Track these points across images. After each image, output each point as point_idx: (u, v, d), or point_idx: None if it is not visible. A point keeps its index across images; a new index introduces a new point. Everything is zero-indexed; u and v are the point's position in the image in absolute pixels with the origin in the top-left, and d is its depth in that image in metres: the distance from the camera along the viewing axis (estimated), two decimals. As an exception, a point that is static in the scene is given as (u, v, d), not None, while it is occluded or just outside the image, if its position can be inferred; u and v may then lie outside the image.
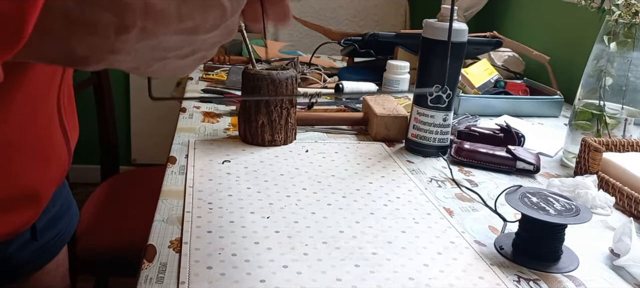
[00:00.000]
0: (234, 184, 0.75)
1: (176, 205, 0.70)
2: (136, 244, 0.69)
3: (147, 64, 0.41)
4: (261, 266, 0.57)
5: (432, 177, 0.84)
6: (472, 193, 0.79)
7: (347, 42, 1.37)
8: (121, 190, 1.55)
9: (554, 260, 0.62)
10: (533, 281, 0.59)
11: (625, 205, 0.77)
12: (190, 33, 0.40)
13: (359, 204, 0.72)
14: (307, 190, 0.75)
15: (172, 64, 0.43)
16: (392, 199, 0.75)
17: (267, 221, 0.66)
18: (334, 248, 0.61)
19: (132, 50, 0.39)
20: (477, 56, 1.42)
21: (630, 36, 0.88)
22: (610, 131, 0.91)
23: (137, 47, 0.39)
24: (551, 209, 0.61)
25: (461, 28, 0.98)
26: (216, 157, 0.84)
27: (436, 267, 0.59)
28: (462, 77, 1.22)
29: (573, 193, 0.76)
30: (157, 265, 0.57)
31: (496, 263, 0.61)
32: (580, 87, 0.94)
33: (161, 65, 0.42)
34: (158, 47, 0.40)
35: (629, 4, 0.87)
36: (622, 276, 0.61)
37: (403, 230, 0.67)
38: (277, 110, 0.89)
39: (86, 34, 0.37)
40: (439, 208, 0.73)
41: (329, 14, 2.23)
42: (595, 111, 0.92)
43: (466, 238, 0.66)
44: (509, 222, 0.70)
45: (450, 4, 0.57)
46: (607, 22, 0.90)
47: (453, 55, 0.99)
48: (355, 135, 1.01)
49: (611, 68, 0.90)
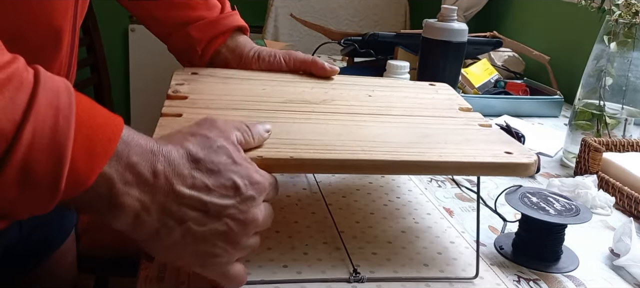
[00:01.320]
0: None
1: (176, 205, 0.70)
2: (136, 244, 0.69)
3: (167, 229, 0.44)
4: (261, 266, 0.57)
5: (432, 177, 0.84)
6: (472, 193, 0.79)
7: (347, 42, 1.37)
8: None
9: (554, 260, 0.62)
10: (533, 281, 0.59)
11: (625, 205, 0.77)
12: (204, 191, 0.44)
13: (359, 204, 0.72)
14: (307, 190, 0.75)
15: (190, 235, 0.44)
16: (392, 199, 0.75)
17: (267, 221, 0.66)
18: (334, 248, 0.61)
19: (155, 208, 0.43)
20: (477, 56, 1.42)
21: (630, 36, 0.88)
22: (610, 131, 0.91)
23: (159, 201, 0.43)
24: (551, 209, 0.61)
25: (461, 28, 0.98)
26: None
27: (436, 267, 0.59)
28: (462, 77, 1.22)
29: (573, 193, 0.76)
30: (157, 265, 0.57)
31: (496, 263, 0.61)
32: (580, 87, 0.94)
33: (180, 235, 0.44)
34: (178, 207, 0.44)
35: (629, 4, 0.87)
36: (622, 276, 0.61)
37: (403, 230, 0.67)
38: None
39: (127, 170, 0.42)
40: (439, 208, 0.73)
41: (329, 14, 2.23)
42: (595, 111, 0.92)
43: (466, 238, 0.66)
44: (509, 222, 0.70)
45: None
46: (607, 22, 0.90)
47: (453, 55, 1.00)
48: (355, 135, 1.00)
49: (611, 68, 0.90)
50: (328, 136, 0.56)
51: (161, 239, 0.44)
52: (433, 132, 0.60)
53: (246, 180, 0.46)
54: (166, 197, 0.43)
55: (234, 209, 0.45)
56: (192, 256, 0.45)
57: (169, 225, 0.43)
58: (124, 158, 0.41)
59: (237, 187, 0.45)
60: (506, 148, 0.57)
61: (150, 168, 0.42)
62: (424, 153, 0.54)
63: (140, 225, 0.43)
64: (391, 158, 0.52)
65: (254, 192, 0.46)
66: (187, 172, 0.44)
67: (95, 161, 0.39)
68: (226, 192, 0.45)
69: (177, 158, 0.44)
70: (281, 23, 2.09)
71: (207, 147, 0.45)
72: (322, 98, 0.68)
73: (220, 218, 0.45)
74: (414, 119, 0.65)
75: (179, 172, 0.43)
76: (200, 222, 0.44)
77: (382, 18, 2.29)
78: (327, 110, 0.64)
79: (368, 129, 0.60)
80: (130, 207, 0.42)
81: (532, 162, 0.55)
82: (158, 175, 0.42)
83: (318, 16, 2.20)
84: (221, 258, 0.46)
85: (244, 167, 0.46)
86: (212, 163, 0.45)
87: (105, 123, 0.41)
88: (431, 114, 0.67)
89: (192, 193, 0.43)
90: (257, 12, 2.07)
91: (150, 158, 0.43)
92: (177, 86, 0.65)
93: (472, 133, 0.62)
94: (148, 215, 0.43)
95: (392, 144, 0.55)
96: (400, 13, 2.30)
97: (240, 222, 0.45)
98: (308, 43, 2.07)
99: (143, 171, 0.42)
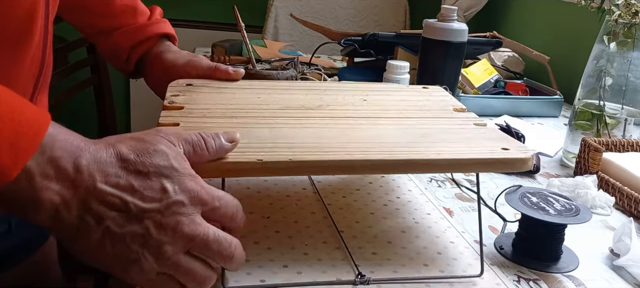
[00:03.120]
0: (234, 184, 0.75)
1: (176, 205, 0.70)
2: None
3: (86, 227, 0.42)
4: (261, 266, 0.57)
5: (432, 177, 0.84)
6: (472, 193, 0.79)
7: (347, 42, 1.37)
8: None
9: (554, 260, 0.62)
10: (533, 281, 0.59)
11: (625, 205, 0.77)
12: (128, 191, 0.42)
13: (359, 204, 0.72)
14: (307, 190, 0.75)
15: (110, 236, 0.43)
16: (392, 199, 0.75)
17: (267, 221, 0.66)
18: (334, 248, 0.61)
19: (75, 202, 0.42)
20: (477, 56, 1.42)
21: (630, 36, 0.88)
22: (610, 131, 0.91)
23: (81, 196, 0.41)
24: (551, 209, 0.61)
25: (461, 28, 0.98)
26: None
27: (436, 267, 0.59)
28: (462, 77, 1.22)
29: (573, 193, 0.76)
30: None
31: (496, 263, 0.61)
32: (580, 87, 0.94)
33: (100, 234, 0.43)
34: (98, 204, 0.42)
35: (629, 4, 0.87)
36: (622, 276, 0.61)
37: (403, 230, 0.67)
38: (277, 110, 0.89)
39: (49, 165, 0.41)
40: (438, 208, 0.73)
41: (329, 14, 2.23)
42: (595, 111, 0.92)
43: (466, 238, 0.66)
44: (509, 222, 0.70)
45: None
46: (607, 22, 0.90)
47: (453, 55, 1.00)
48: (355, 135, 1.00)
49: (611, 68, 0.90)
50: (325, 139, 0.56)
51: (81, 238, 0.43)
52: (429, 132, 0.61)
53: (177, 186, 0.44)
54: (88, 193, 0.42)
55: (157, 213, 0.43)
56: (111, 259, 0.43)
57: (89, 223, 0.42)
58: (48, 152, 0.41)
59: (165, 190, 0.43)
60: (503, 144, 0.57)
61: (73, 163, 0.41)
62: (421, 152, 0.54)
63: (60, 221, 0.42)
64: (389, 157, 0.52)
65: (183, 198, 0.44)
66: (112, 170, 0.42)
67: (19, 155, 0.39)
68: (152, 194, 0.43)
69: (105, 156, 0.43)
70: (281, 23, 2.09)
71: (142, 149, 0.44)
72: (318, 104, 0.68)
73: (141, 220, 0.43)
74: (410, 120, 0.65)
75: (104, 170, 0.42)
76: (119, 223, 0.42)
77: (382, 18, 2.29)
78: (323, 115, 0.64)
79: (364, 131, 0.60)
80: (49, 201, 0.41)
81: (528, 157, 0.55)
82: (81, 171, 0.41)
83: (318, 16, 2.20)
84: (141, 264, 0.43)
85: (181, 175, 0.44)
86: (142, 165, 0.43)
87: (33, 118, 0.41)
88: (426, 116, 0.67)
89: (114, 192, 0.42)
90: (257, 12, 2.07)
91: (76, 153, 0.42)
92: (173, 97, 0.65)
93: (468, 132, 0.62)
94: (68, 211, 0.41)
95: (389, 144, 0.56)
96: (400, 13, 2.30)
97: (161, 227, 0.43)
98: (308, 43, 2.07)
99: (65, 165, 0.41)
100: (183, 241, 0.44)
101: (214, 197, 0.46)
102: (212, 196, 0.46)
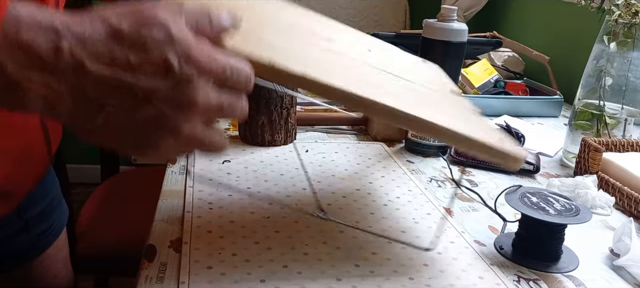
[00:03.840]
0: (234, 184, 0.75)
1: (176, 205, 0.70)
2: (136, 244, 0.69)
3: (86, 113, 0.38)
4: (261, 266, 0.57)
5: (432, 177, 0.84)
6: (472, 193, 0.79)
7: (347, 42, 1.37)
8: (121, 190, 1.55)
9: (554, 260, 0.62)
10: (533, 281, 0.59)
11: (625, 205, 0.77)
12: (125, 69, 0.37)
13: (359, 204, 0.72)
14: (307, 190, 0.75)
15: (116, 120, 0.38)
16: (392, 199, 0.75)
17: (267, 221, 0.66)
18: (334, 248, 0.61)
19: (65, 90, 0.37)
20: (477, 56, 1.42)
21: (630, 36, 0.88)
22: (610, 131, 0.91)
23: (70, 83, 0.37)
24: (551, 209, 0.61)
25: (461, 28, 0.98)
26: (216, 157, 0.84)
27: (436, 267, 0.59)
28: (462, 77, 1.22)
29: (573, 193, 0.76)
30: (157, 265, 0.57)
31: (496, 263, 0.61)
32: (580, 87, 0.94)
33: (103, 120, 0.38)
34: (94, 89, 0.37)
35: (629, 4, 0.87)
36: (622, 276, 0.61)
37: (403, 230, 0.67)
38: (277, 110, 0.89)
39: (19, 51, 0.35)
40: (439, 208, 0.73)
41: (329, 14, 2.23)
42: (595, 111, 0.92)
43: (466, 238, 0.66)
44: (509, 222, 0.70)
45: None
46: (607, 22, 0.90)
47: (453, 55, 1.00)
48: (355, 135, 1.01)
49: (611, 68, 0.90)
50: (334, 66, 0.53)
51: (84, 124, 0.38)
52: (429, 100, 0.59)
53: (182, 57, 0.37)
54: (77, 78, 0.36)
55: (165, 92, 0.38)
56: (124, 142, 0.39)
57: (88, 110, 0.37)
58: (11, 36, 0.35)
59: (169, 64, 0.37)
60: (500, 136, 0.57)
61: (50, 46, 0.35)
62: (421, 113, 0.52)
63: (54, 109, 0.37)
64: (390, 105, 0.50)
65: (191, 72, 0.38)
66: (103, 48, 0.36)
67: None
68: (154, 70, 0.37)
69: (91, 32, 0.36)
70: (281, 23, 2.09)
71: (136, 19, 0.37)
72: (328, 33, 0.64)
73: (149, 102, 0.38)
74: (410, 84, 0.62)
75: (91, 49, 0.36)
76: (125, 107, 0.37)
77: (382, 18, 2.29)
78: (330, 49, 0.60)
79: (370, 75, 0.57)
80: (34, 92, 0.36)
81: (521, 156, 0.54)
82: (61, 53, 0.36)
83: (318, 16, 2.19)
84: (158, 146, 0.40)
85: (183, 41, 0.38)
86: (139, 36, 0.37)
87: None
88: (428, 87, 0.65)
89: (109, 73, 0.36)
90: (257, 12, 2.07)
91: (51, 35, 0.36)
92: None
93: (467, 114, 0.61)
94: (60, 99, 0.37)
95: (390, 95, 0.53)
96: (400, 13, 2.30)
97: (172, 106, 0.38)
98: (308, 43, 2.06)
99: (39, 50, 0.35)
100: (199, 115, 0.40)
101: (225, 66, 0.40)
102: (222, 65, 0.40)
